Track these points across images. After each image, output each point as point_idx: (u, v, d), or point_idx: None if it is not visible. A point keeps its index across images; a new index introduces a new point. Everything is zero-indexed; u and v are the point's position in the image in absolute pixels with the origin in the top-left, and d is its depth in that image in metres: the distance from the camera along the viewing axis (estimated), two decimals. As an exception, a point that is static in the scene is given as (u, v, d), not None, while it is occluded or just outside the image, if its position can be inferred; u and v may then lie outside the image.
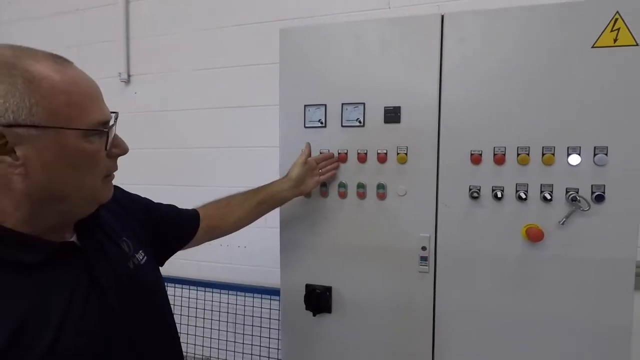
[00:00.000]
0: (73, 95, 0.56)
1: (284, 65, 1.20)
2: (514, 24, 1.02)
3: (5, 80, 0.52)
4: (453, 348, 1.11)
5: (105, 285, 0.64)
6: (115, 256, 0.70)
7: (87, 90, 0.59)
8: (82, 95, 0.58)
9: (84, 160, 0.59)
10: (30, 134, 0.54)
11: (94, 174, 0.61)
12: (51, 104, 0.54)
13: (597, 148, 0.98)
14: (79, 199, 0.61)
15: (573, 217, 1.00)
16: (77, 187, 0.60)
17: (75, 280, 0.61)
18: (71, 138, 0.56)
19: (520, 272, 1.05)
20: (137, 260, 0.73)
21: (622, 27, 0.96)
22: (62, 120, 0.55)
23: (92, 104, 0.59)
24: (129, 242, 0.74)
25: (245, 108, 1.89)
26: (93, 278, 0.63)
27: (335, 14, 1.72)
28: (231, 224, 1.07)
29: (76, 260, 0.63)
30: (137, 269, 0.73)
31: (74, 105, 0.56)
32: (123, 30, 2.09)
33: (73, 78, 0.57)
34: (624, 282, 1.00)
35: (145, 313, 0.72)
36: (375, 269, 1.16)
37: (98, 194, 0.64)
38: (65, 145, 0.56)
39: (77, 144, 0.57)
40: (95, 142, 0.59)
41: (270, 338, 1.87)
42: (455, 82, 1.07)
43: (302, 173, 1.11)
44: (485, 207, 1.06)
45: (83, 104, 0.58)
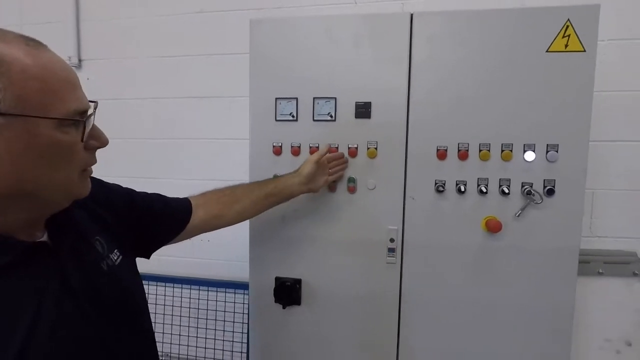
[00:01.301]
0: (47, 81, 0.52)
1: (254, 56, 1.19)
2: (477, 26, 1.08)
3: None
4: (417, 334, 1.17)
5: (77, 288, 0.60)
6: (88, 257, 0.66)
7: (63, 76, 0.54)
8: (57, 82, 0.53)
9: (58, 153, 0.54)
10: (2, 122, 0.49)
11: (69, 168, 0.56)
12: (21, 90, 0.50)
13: (549, 145, 1.07)
14: (52, 195, 0.56)
15: (527, 210, 1.08)
16: (50, 182, 0.55)
17: (46, 283, 0.57)
18: (43, 128, 0.52)
19: (480, 261, 1.12)
20: (111, 261, 0.69)
21: (572, 34, 1.05)
22: (33, 108, 0.51)
23: (68, 91, 0.54)
24: (103, 242, 0.70)
25: (211, 98, 1.84)
26: (65, 280, 0.59)
27: (303, 6, 1.71)
28: (234, 214, 1.02)
29: (47, 262, 0.58)
30: (110, 269, 0.69)
31: (47, 92, 0.52)
32: (73, 11, 1.94)
33: (47, 62, 0.53)
34: (568, 268, 1.10)
35: (120, 315, 0.68)
36: (344, 261, 1.18)
37: (74, 190, 0.59)
38: (37, 135, 0.51)
39: (50, 135, 0.52)
40: (71, 132, 0.54)
41: (235, 332, 1.85)
42: (423, 80, 1.11)
43: (313, 170, 1.09)
44: (449, 200, 1.12)
45: (58, 91, 0.53)
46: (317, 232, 1.19)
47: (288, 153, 1.19)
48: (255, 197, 1.05)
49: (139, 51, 1.91)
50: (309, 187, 1.11)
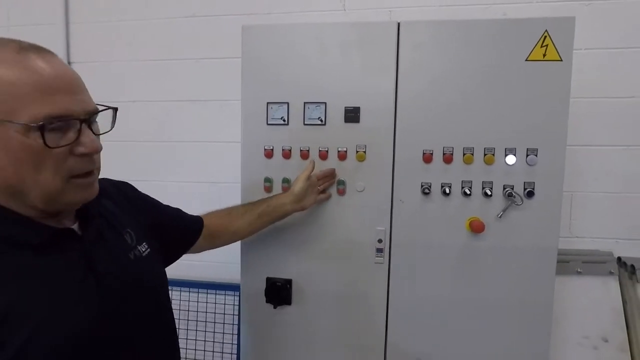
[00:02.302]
0: (20, 85, 0.53)
1: (246, 62, 1.21)
2: (461, 35, 1.12)
3: None
4: (404, 332, 1.20)
5: (103, 272, 0.65)
6: (116, 245, 0.71)
7: (38, 81, 0.54)
8: (30, 87, 0.54)
9: (29, 158, 0.55)
10: None
11: (50, 172, 0.57)
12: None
13: (529, 150, 1.12)
14: (41, 197, 0.58)
15: (509, 211, 1.13)
16: (35, 184, 0.57)
17: (73, 265, 0.62)
18: (13, 132, 0.53)
19: (464, 260, 1.16)
20: (138, 252, 0.74)
21: (549, 44, 1.10)
22: (4, 112, 0.53)
23: (42, 96, 0.54)
24: (133, 234, 0.75)
25: (202, 102, 1.86)
26: (90, 264, 0.64)
27: (292, 12, 1.74)
28: (230, 234, 1.09)
29: (74, 246, 0.64)
30: (137, 260, 0.73)
31: (16, 97, 0.53)
32: (62, 13, 1.94)
33: (27, 68, 0.54)
34: (547, 267, 1.14)
35: (144, 304, 0.71)
36: (334, 261, 1.21)
37: (61, 196, 0.59)
38: (9, 139, 0.54)
39: (20, 139, 0.54)
40: (50, 137, 0.54)
41: (225, 333, 1.87)
42: (409, 86, 1.15)
43: (304, 188, 1.11)
44: (435, 202, 1.16)
45: (28, 95, 0.53)
46: (308, 233, 1.22)
47: (279, 156, 1.21)
48: (248, 218, 1.10)
49: (129, 54, 1.92)
50: (300, 205, 1.13)
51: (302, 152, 1.20)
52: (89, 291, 0.63)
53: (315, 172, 1.16)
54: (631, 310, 1.48)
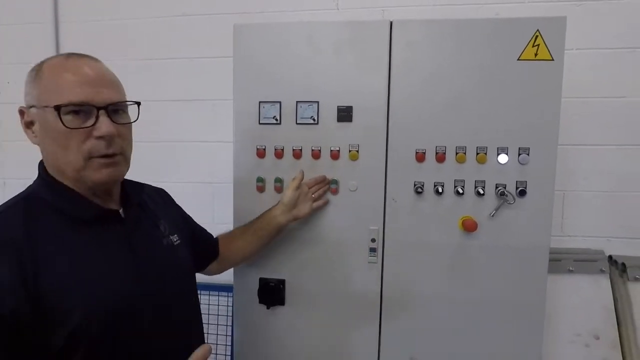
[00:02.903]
0: (57, 79, 0.68)
1: (238, 61, 1.20)
2: (454, 34, 1.12)
3: (31, 74, 0.71)
4: (397, 332, 1.20)
5: (140, 252, 0.76)
6: (151, 232, 0.82)
7: (73, 77, 0.68)
8: (66, 80, 0.68)
9: (61, 136, 0.68)
10: (34, 113, 0.70)
11: (73, 152, 0.69)
12: (42, 87, 0.69)
13: (521, 149, 1.12)
14: (70, 174, 0.71)
15: (501, 210, 1.13)
16: (65, 162, 0.70)
17: (115, 242, 0.73)
18: (49, 115, 0.68)
19: (457, 259, 1.16)
20: (170, 241, 0.85)
21: (541, 44, 1.10)
22: (44, 100, 0.68)
23: (73, 87, 0.68)
24: (166, 225, 0.86)
25: (194, 101, 1.84)
26: (131, 244, 0.75)
27: (285, 11, 1.74)
28: (233, 254, 1.13)
29: (117, 227, 0.75)
30: (169, 247, 0.84)
31: (55, 89, 0.68)
32: (51, 12, 1.92)
33: (67, 66, 0.69)
34: (539, 266, 1.15)
35: (174, 285, 0.81)
36: (327, 261, 1.21)
37: (83, 174, 0.71)
38: (47, 120, 0.68)
39: (54, 121, 0.67)
40: (74, 120, 0.68)
41: (219, 334, 1.85)
42: (402, 85, 1.15)
43: (293, 197, 1.12)
44: (428, 201, 1.16)
45: (63, 87, 0.68)
46: (301, 233, 1.21)
47: (272, 156, 1.21)
48: (248, 237, 1.13)
49: (120, 54, 1.89)
50: (293, 215, 1.13)
51: (295, 151, 1.19)
52: (129, 267, 0.73)
53: (306, 180, 1.16)
54: (622, 307, 1.49)
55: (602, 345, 1.46)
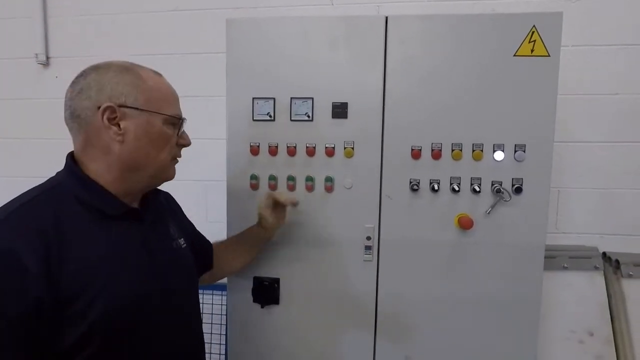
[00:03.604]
0: (163, 93, 0.81)
1: (231, 56, 1.18)
2: (450, 30, 1.11)
3: (125, 77, 0.77)
4: (393, 330, 1.19)
5: (155, 250, 0.82)
6: (164, 233, 0.88)
7: (171, 93, 0.85)
8: (168, 95, 0.83)
9: (161, 140, 0.80)
10: (131, 113, 0.76)
11: (164, 153, 0.81)
12: (149, 95, 0.78)
13: (517, 146, 1.11)
14: (152, 171, 0.81)
15: (497, 207, 1.13)
16: (153, 161, 0.80)
17: (134, 239, 0.79)
18: (157, 121, 0.79)
19: (453, 256, 1.16)
20: (178, 244, 0.91)
21: (537, 40, 1.10)
22: (154, 107, 0.78)
23: (174, 102, 0.84)
24: (175, 229, 0.92)
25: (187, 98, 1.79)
26: (147, 244, 0.81)
27: (280, 7, 1.71)
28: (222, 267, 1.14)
29: (137, 226, 0.81)
30: (178, 249, 0.90)
31: (162, 99, 0.80)
32: (40, 6, 1.88)
33: (164, 83, 0.84)
34: (535, 263, 1.14)
35: (183, 283, 0.89)
36: (322, 260, 1.20)
37: (165, 171, 0.84)
38: (153, 125, 0.78)
39: (160, 126, 0.80)
40: (171, 129, 0.82)
41: (213, 333, 1.84)
42: (397, 81, 1.13)
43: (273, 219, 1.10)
44: (424, 199, 1.15)
45: (168, 100, 0.82)
46: (295, 231, 1.20)
47: (266, 153, 1.19)
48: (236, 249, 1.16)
49: (110, 50, 1.86)
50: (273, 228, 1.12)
51: (289, 148, 1.17)
52: (145, 265, 0.79)
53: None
54: (616, 304, 1.50)
55: (596, 342, 1.47)
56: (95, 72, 0.77)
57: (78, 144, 0.78)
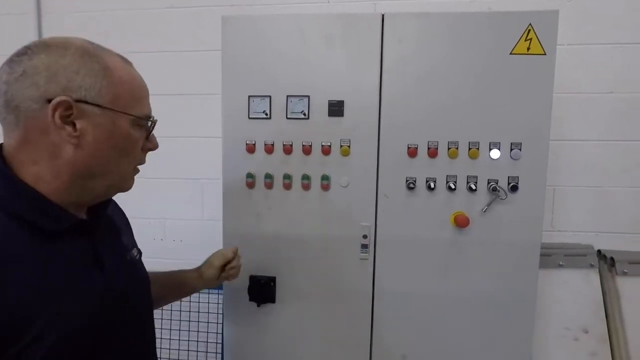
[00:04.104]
0: (133, 88, 0.67)
1: (227, 54, 1.18)
2: (446, 28, 1.11)
3: (87, 64, 0.61)
4: (389, 328, 1.19)
5: (108, 266, 0.69)
6: (117, 245, 0.76)
7: (143, 87, 0.69)
8: (139, 90, 0.68)
9: (127, 145, 0.67)
10: (92, 111, 0.62)
11: (128, 160, 0.69)
12: (116, 90, 0.63)
13: (513, 144, 1.12)
14: (110, 181, 0.67)
15: (493, 205, 1.13)
16: (113, 169, 0.67)
17: (83, 256, 0.66)
18: (123, 122, 0.65)
19: (449, 255, 1.16)
20: (132, 255, 0.79)
21: (533, 38, 1.10)
22: (121, 105, 0.64)
23: (145, 99, 0.70)
24: (127, 239, 0.81)
25: (183, 96, 1.80)
26: (98, 259, 0.68)
27: (276, 4, 1.70)
28: None
29: (85, 239, 0.67)
30: (132, 262, 0.79)
31: (132, 96, 0.66)
32: (34, 2, 1.86)
33: (135, 75, 0.68)
34: (531, 261, 1.15)
35: (138, 302, 0.76)
36: (318, 258, 1.20)
37: (125, 181, 0.71)
38: (118, 126, 0.64)
39: (126, 128, 0.66)
40: (139, 131, 0.68)
41: (209, 332, 1.83)
42: (394, 79, 1.13)
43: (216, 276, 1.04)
44: (420, 197, 1.15)
45: (139, 97, 0.68)
46: (291, 229, 1.20)
47: (261, 151, 1.18)
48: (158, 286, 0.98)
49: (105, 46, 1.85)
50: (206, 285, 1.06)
51: (285, 146, 1.17)
52: (96, 281, 0.66)
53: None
54: (611, 301, 1.51)
55: (591, 339, 1.47)
56: (45, 52, 0.60)
57: (13, 140, 0.61)
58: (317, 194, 1.18)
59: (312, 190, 1.18)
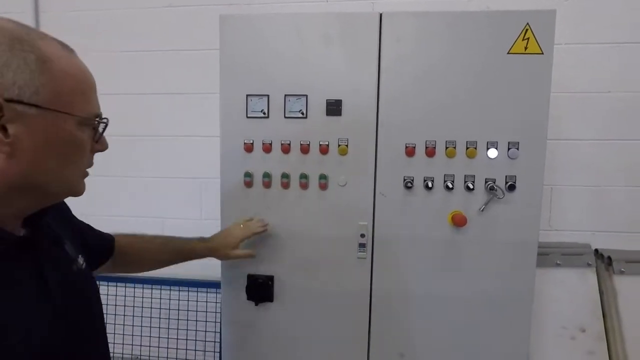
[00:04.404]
0: (79, 82, 0.57)
1: (225, 53, 1.18)
2: (444, 27, 1.11)
3: (18, 54, 0.50)
4: (387, 327, 1.20)
5: (54, 283, 0.60)
6: (61, 257, 0.67)
7: (89, 80, 0.59)
8: (86, 85, 0.58)
9: (73, 150, 0.58)
10: (29, 112, 0.51)
11: (76, 166, 0.59)
12: (58, 87, 0.53)
13: (511, 143, 1.12)
14: (57, 189, 0.59)
15: (491, 205, 1.13)
16: (59, 177, 0.57)
17: (27, 276, 0.58)
18: (68, 124, 0.55)
19: (446, 254, 1.16)
20: (79, 265, 0.70)
21: (531, 37, 1.10)
22: (64, 104, 0.54)
23: (92, 95, 0.59)
24: (71, 246, 0.70)
25: (181, 95, 1.80)
26: (42, 277, 0.59)
27: (273, 3, 1.70)
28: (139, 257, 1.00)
29: (27, 257, 0.58)
30: (79, 272, 0.69)
31: (78, 92, 0.56)
32: (32, 1, 1.86)
33: (79, 66, 0.58)
34: (528, 260, 1.15)
35: (86, 319, 0.69)
36: (316, 257, 1.20)
37: (74, 188, 0.61)
38: (61, 130, 0.55)
39: (72, 131, 0.56)
40: (86, 133, 0.59)
41: (207, 331, 1.83)
42: (392, 79, 1.13)
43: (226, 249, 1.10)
44: (418, 196, 1.15)
45: (85, 93, 0.58)
46: (289, 228, 1.20)
47: (259, 150, 1.18)
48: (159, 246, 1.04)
49: (103, 46, 1.85)
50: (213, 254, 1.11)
51: (283, 145, 1.17)
52: (43, 302, 0.59)
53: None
54: (608, 300, 1.51)
55: (588, 338, 1.48)
56: None
57: None
58: (315, 193, 1.18)
59: (310, 189, 1.18)
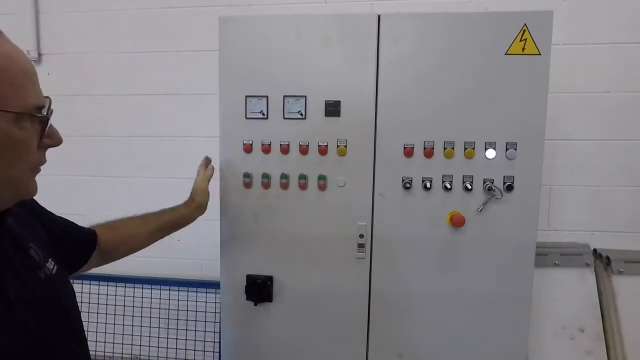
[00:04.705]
0: (7, 71, 0.48)
1: (224, 54, 1.18)
2: (442, 28, 1.11)
3: None
4: (386, 327, 1.20)
5: (13, 299, 0.55)
6: (23, 265, 0.60)
7: (24, 67, 0.51)
8: (18, 73, 0.50)
9: (12, 149, 0.50)
10: None
11: (21, 166, 0.53)
12: None
13: (509, 144, 1.12)
14: (1, 193, 0.53)
15: (489, 205, 1.13)
16: (1, 180, 0.51)
17: None
18: (1, 122, 0.48)
19: (445, 254, 1.17)
20: (48, 270, 0.64)
21: (528, 38, 1.10)
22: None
23: (29, 84, 0.51)
24: (38, 250, 0.64)
25: (180, 96, 1.81)
26: (3, 292, 0.54)
27: (273, 4, 1.71)
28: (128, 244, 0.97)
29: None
30: (48, 279, 0.63)
31: (7, 84, 0.48)
32: (31, 2, 1.86)
33: (12, 54, 0.50)
34: (526, 260, 1.15)
35: (59, 327, 0.63)
36: (315, 257, 1.20)
37: (23, 190, 0.55)
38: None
39: (7, 130, 0.49)
40: (27, 129, 0.51)
41: (207, 331, 1.84)
42: (390, 80, 1.14)
43: (207, 197, 1.11)
44: (416, 197, 1.16)
45: (18, 83, 0.50)
46: (288, 229, 1.20)
47: (259, 151, 1.19)
48: (148, 230, 1.01)
49: (103, 46, 1.85)
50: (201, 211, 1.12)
51: (282, 146, 1.17)
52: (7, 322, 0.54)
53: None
54: (606, 300, 1.52)
55: (586, 338, 1.48)
56: None
57: None
58: (314, 194, 1.18)
59: (309, 190, 1.18)
